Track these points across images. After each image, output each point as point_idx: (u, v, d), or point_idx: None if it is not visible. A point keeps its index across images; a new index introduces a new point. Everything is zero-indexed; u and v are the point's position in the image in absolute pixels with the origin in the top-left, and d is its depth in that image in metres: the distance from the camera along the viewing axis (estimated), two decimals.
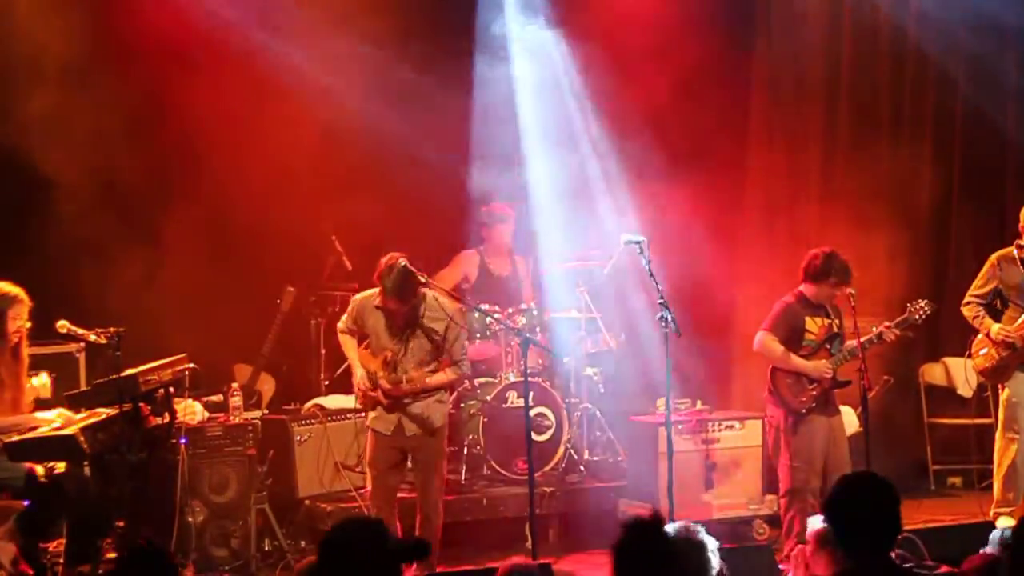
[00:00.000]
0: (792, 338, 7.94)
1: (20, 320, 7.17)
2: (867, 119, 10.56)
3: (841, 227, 9.53)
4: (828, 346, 7.90)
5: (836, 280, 7.85)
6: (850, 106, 10.55)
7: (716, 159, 10.20)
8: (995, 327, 8.31)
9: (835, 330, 7.92)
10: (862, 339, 7.79)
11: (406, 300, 7.25)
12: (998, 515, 8.25)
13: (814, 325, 7.95)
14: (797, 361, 7.89)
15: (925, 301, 8.05)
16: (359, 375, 7.43)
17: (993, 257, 8.48)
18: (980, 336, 8.42)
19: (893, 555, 4.72)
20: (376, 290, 7.38)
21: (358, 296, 7.60)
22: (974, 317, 8.42)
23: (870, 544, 4.44)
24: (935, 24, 10.47)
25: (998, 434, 8.49)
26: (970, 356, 8.52)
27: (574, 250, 9.66)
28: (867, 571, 4.44)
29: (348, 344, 7.59)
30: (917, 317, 8.05)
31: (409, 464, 7.62)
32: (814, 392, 7.86)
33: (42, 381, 7.55)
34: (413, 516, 7.44)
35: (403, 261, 7.21)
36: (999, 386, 8.56)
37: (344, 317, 7.61)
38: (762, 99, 10.48)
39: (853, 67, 10.55)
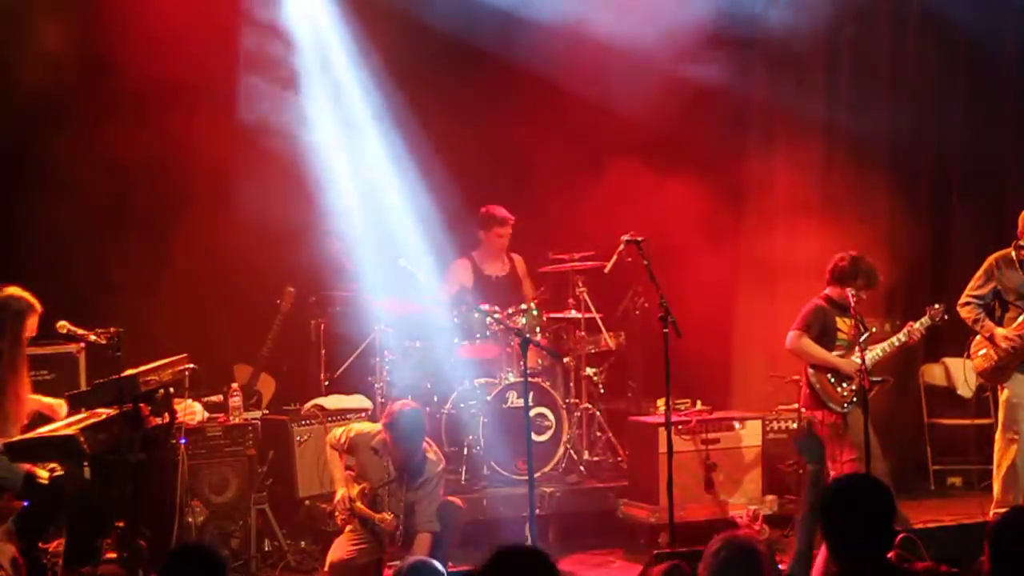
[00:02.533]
0: (824, 337, 7.97)
1: (31, 331, 7.20)
2: (866, 117, 10.54)
3: (841, 227, 9.54)
4: (859, 346, 7.89)
5: (863, 283, 7.89)
6: (850, 103, 10.54)
7: (717, 157, 10.20)
8: (999, 332, 8.30)
9: (860, 331, 7.92)
10: (892, 339, 7.95)
11: (415, 447, 7.26)
12: (997, 515, 8.24)
13: (844, 325, 7.98)
14: (829, 357, 7.92)
15: (940, 305, 8.10)
16: (339, 495, 7.42)
17: (991, 259, 8.47)
18: (979, 337, 8.42)
19: (892, 555, 4.72)
20: (376, 427, 7.40)
21: (361, 428, 7.56)
22: (974, 320, 8.40)
23: (864, 545, 4.42)
24: (934, 24, 10.51)
25: (998, 435, 8.48)
26: (969, 357, 8.52)
27: (575, 250, 9.66)
28: (862, 572, 4.43)
29: (334, 460, 7.58)
30: (938, 320, 8.10)
31: None
32: (853, 387, 7.90)
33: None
34: None
35: (412, 403, 7.38)
36: (999, 387, 8.56)
37: (340, 434, 7.54)
38: (762, 100, 10.47)
39: (853, 64, 10.55)
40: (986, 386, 9.26)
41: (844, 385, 7.94)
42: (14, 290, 7.19)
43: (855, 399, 7.92)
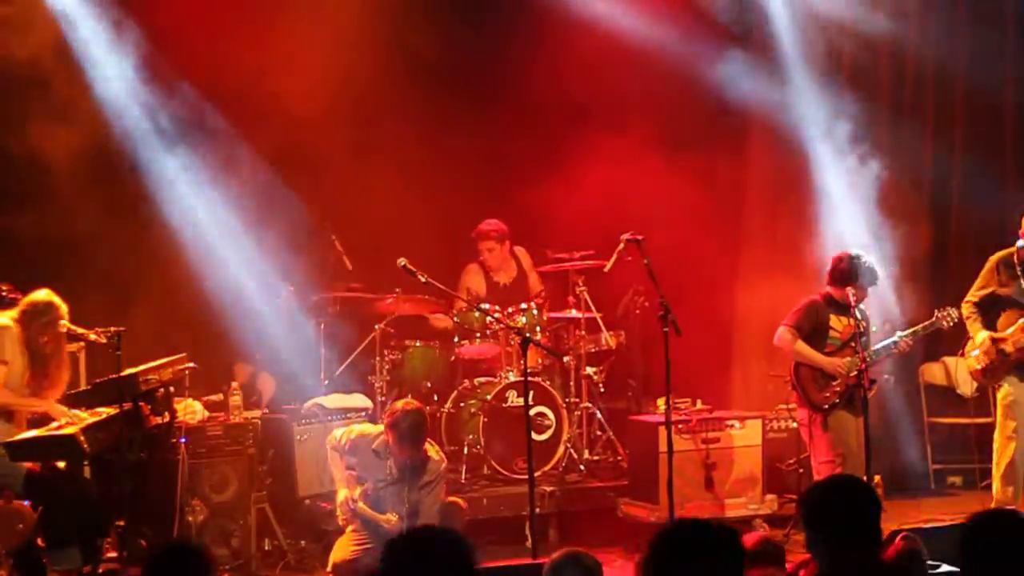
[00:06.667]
0: (815, 335, 7.97)
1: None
2: (866, 116, 10.54)
3: (841, 226, 9.54)
4: (853, 345, 7.88)
5: (865, 281, 7.90)
6: (849, 103, 10.53)
7: (717, 155, 10.20)
8: (980, 336, 8.32)
9: (861, 330, 7.92)
10: (879, 346, 8.00)
11: (417, 446, 7.26)
12: (970, 516, 8.26)
13: (839, 324, 7.98)
14: (815, 356, 7.92)
15: (953, 308, 8.11)
16: (341, 497, 7.42)
17: (993, 259, 8.50)
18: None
19: (892, 553, 4.71)
20: (378, 429, 7.41)
21: (362, 429, 7.56)
22: (967, 316, 8.44)
23: (845, 546, 4.40)
24: (935, 24, 10.51)
25: (997, 433, 8.50)
26: (963, 356, 8.57)
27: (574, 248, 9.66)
28: (846, 572, 4.41)
29: (335, 461, 7.57)
30: (945, 324, 8.11)
31: None
32: (838, 388, 7.89)
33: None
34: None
35: (414, 402, 7.35)
36: (995, 385, 8.57)
37: (341, 435, 7.53)
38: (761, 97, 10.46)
39: (854, 65, 10.54)
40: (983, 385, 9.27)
41: (827, 386, 7.93)
42: (53, 297, 7.30)
43: (837, 401, 7.92)
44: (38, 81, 8.63)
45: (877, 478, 8.64)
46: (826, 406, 7.93)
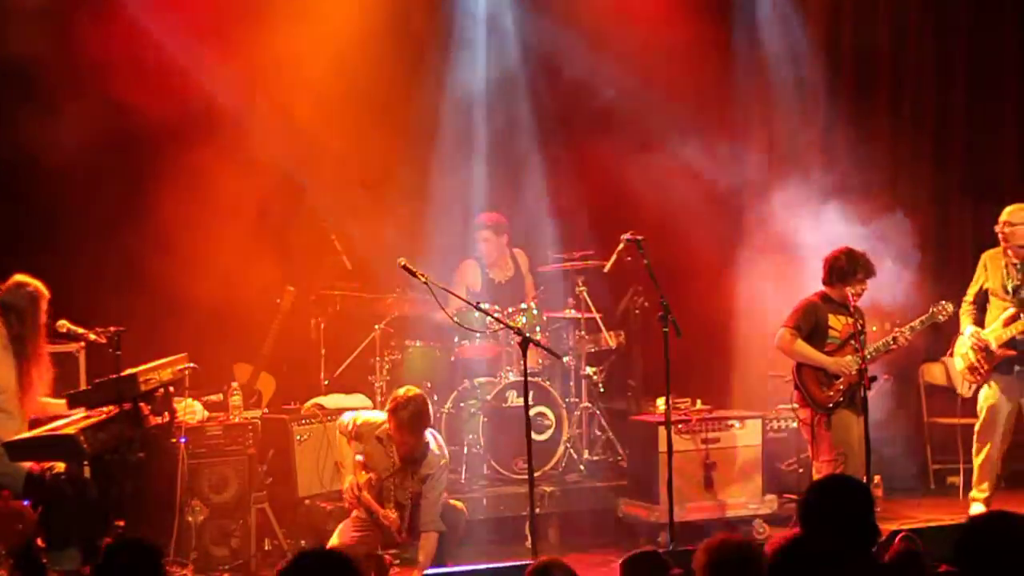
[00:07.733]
0: (815, 335, 7.98)
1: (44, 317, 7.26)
2: (866, 117, 10.55)
3: (840, 226, 9.53)
4: (853, 343, 7.90)
5: (863, 275, 7.94)
6: (848, 104, 10.54)
7: (715, 156, 10.21)
8: (969, 330, 8.40)
9: (859, 328, 7.93)
10: (879, 343, 8.00)
11: (418, 434, 7.24)
12: (973, 500, 8.43)
13: (838, 323, 7.99)
14: (817, 355, 7.93)
15: (948, 302, 8.14)
16: (347, 483, 7.40)
17: (983, 256, 8.60)
18: (960, 337, 8.55)
19: (892, 552, 4.72)
20: (382, 418, 7.40)
21: (368, 417, 7.54)
22: (962, 313, 8.54)
23: (844, 546, 4.40)
24: (934, 19, 10.53)
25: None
26: (951, 355, 8.64)
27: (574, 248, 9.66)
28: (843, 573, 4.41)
29: (343, 446, 7.57)
30: (941, 317, 8.14)
31: None
32: (841, 387, 7.90)
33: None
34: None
35: (415, 390, 7.28)
36: (980, 385, 8.63)
37: (348, 421, 7.52)
38: (760, 96, 10.46)
39: (852, 61, 10.55)
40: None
41: (830, 385, 7.94)
42: (23, 277, 7.23)
43: (841, 400, 7.93)
44: (33, 77, 8.66)
45: (877, 478, 8.67)
46: (830, 405, 7.93)
